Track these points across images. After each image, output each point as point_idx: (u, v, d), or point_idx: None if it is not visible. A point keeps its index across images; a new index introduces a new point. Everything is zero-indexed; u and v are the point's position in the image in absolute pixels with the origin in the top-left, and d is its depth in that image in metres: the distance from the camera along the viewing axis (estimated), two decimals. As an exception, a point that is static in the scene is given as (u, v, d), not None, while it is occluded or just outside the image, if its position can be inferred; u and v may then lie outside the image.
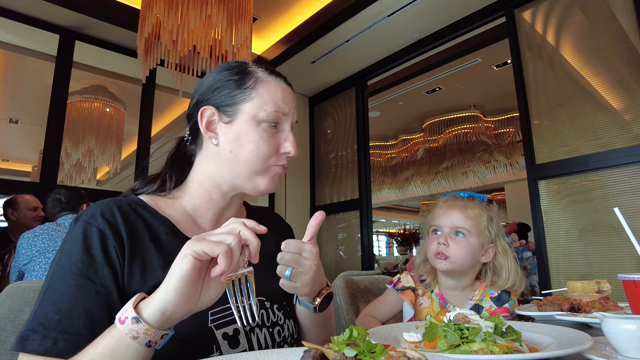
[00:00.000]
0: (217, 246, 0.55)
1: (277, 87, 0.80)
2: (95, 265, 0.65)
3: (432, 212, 1.31)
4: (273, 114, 0.78)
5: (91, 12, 3.31)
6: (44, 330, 0.59)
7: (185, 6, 2.32)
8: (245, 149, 0.77)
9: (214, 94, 0.80)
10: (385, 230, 16.79)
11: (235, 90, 0.78)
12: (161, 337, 0.56)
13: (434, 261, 1.23)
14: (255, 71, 0.81)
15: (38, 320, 0.61)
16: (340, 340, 0.49)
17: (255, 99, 0.78)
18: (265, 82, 0.80)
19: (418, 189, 8.68)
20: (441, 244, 1.21)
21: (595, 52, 2.68)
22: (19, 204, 2.78)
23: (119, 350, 0.54)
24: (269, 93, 0.78)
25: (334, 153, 4.66)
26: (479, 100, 6.51)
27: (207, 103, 0.80)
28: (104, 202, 0.74)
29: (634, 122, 2.44)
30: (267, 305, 0.81)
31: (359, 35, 3.67)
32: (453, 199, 1.30)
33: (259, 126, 0.77)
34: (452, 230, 1.23)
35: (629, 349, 0.60)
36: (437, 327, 0.66)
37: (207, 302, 0.59)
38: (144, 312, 0.55)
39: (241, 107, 0.77)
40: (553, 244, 2.69)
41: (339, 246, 4.49)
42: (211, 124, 0.79)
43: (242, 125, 0.77)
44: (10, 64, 3.81)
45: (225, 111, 0.78)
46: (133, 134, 3.96)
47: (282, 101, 0.79)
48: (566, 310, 1.01)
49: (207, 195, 0.81)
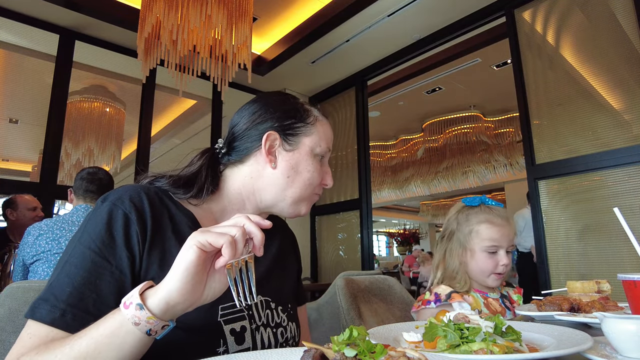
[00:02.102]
0: (221, 237, 0.56)
1: (328, 128, 0.93)
2: (114, 247, 0.67)
3: (481, 229, 1.28)
4: (325, 150, 0.89)
5: (91, 12, 3.31)
6: (55, 301, 0.61)
7: (185, 6, 2.32)
8: (301, 176, 0.85)
9: (283, 124, 0.87)
10: (385, 230, 16.79)
11: (299, 123, 0.87)
12: (162, 328, 0.56)
13: (490, 279, 1.26)
14: (312, 110, 0.92)
15: (51, 290, 0.62)
16: (340, 340, 0.49)
17: (314, 134, 0.88)
18: (321, 121, 0.92)
19: (418, 189, 8.69)
20: (504, 264, 1.24)
21: (595, 52, 2.68)
22: (18, 204, 2.78)
23: (119, 334, 0.54)
24: (325, 132, 0.90)
25: (334, 153, 4.66)
26: (479, 100, 6.51)
27: (270, 127, 0.86)
28: (132, 186, 0.76)
29: (634, 122, 2.44)
30: (272, 306, 0.83)
31: (359, 35, 3.67)
32: (503, 217, 1.30)
33: (314, 159, 0.88)
34: (509, 247, 1.26)
35: (629, 349, 0.60)
36: (437, 327, 0.66)
37: (212, 294, 0.60)
38: (149, 300, 0.56)
39: (303, 140, 0.87)
40: (553, 244, 2.69)
41: (339, 246, 4.49)
42: (272, 148, 0.86)
43: (302, 156, 0.86)
44: (10, 64, 3.81)
45: (288, 140, 0.86)
46: (133, 134, 3.97)
47: (331, 140, 0.92)
48: (566, 310, 1.01)
49: (240, 205, 0.87)
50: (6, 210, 2.79)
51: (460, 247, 1.31)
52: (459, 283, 1.28)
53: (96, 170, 2.30)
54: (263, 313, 0.80)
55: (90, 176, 2.24)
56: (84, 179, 2.22)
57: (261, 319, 0.79)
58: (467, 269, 1.29)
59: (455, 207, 1.40)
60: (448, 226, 1.37)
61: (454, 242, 1.33)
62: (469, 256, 1.29)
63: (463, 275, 1.29)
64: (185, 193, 0.81)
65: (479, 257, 1.26)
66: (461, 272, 1.29)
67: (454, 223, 1.35)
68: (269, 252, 0.90)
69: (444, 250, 1.35)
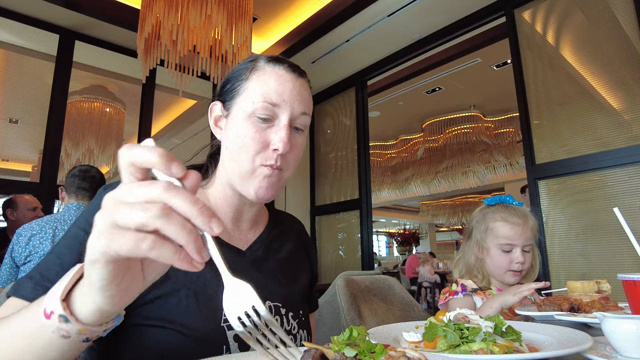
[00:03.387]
0: (139, 243, 0.34)
1: (272, 76, 0.72)
2: None
3: (496, 226, 1.30)
4: (261, 106, 0.69)
5: (91, 12, 3.31)
6: (40, 279, 0.58)
7: (185, 6, 2.32)
8: (234, 145, 0.71)
9: (222, 90, 0.78)
10: (385, 230, 16.80)
11: (235, 83, 0.74)
12: (104, 331, 0.44)
13: (506, 276, 1.27)
14: (257, 60, 0.75)
15: (39, 269, 0.60)
16: (340, 340, 0.49)
17: (246, 90, 0.72)
18: (260, 70, 0.73)
19: (418, 189, 8.69)
20: (519, 262, 1.26)
21: (595, 52, 2.68)
22: (18, 204, 2.78)
23: (40, 344, 0.42)
24: (260, 83, 0.71)
25: (334, 153, 4.66)
26: (479, 100, 6.51)
27: (217, 98, 0.79)
28: None
29: (634, 122, 2.44)
30: (282, 312, 0.77)
31: (359, 35, 3.67)
32: (521, 216, 1.31)
33: (249, 120, 0.70)
34: (525, 246, 1.28)
35: (629, 349, 0.60)
36: (437, 327, 0.66)
37: (156, 274, 0.43)
38: (77, 307, 0.41)
39: (236, 101, 0.73)
40: (553, 244, 2.69)
41: (339, 246, 4.49)
42: (219, 120, 0.77)
43: (235, 121, 0.72)
44: (10, 64, 3.82)
45: (226, 106, 0.75)
46: (133, 133, 3.97)
47: (274, 91, 0.70)
48: (566, 310, 1.01)
49: (223, 191, 0.78)
50: (6, 210, 2.79)
51: (476, 244, 1.35)
52: (477, 278, 1.33)
53: (88, 167, 2.26)
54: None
55: (83, 173, 2.19)
56: (76, 177, 2.18)
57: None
58: (484, 265, 1.34)
59: (479, 207, 1.44)
60: (469, 225, 1.43)
61: (472, 239, 1.37)
62: (485, 253, 1.33)
63: (480, 271, 1.33)
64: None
65: (494, 255, 1.30)
66: (478, 268, 1.34)
67: (473, 221, 1.40)
68: (278, 254, 0.84)
69: (463, 247, 1.41)
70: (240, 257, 0.77)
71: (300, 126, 0.74)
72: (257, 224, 0.85)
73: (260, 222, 0.86)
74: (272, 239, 0.85)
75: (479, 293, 1.30)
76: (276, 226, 0.89)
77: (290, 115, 0.71)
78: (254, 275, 0.76)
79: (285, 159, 0.72)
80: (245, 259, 0.77)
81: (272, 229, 0.87)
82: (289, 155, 0.72)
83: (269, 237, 0.85)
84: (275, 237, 0.87)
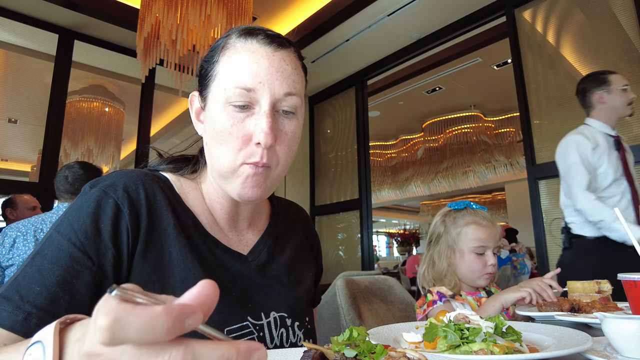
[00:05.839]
0: None
1: (243, 53, 0.59)
2: (98, 242, 0.55)
3: (469, 230, 1.30)
4: (234, 93, 0.58)
5: (90, 12, 3.31)
6: (19, 300, 0.49)
7: (185, 6, 2.32)
8: (213, 141, 0.61)
9: (199, 77, 0.69)
10: (385, 230, 16.80)
11: (208, 67, 0.64)
12: None
13: (480, 280, 1.28)
14: (229, 36, 0.63)
15: (16, 287, 0.50)
16: (340, 341, 0.49)
17: (218, 75, 0.61)
18: (231, 49, 0.61)
19: (418, 189, 8.69)
20: (492, 264, 1.27)
21: (596, 52, 2.68)
22: (17, 204, 2.78)
23: None
24: (231, 64, 0.60)
25: (334, 153, 4.66)
26: (479, 100, 6.51)
27: (197, 88, 0.69)
28: (129, 172, 0.62)
29: (634, 122, 2.44)
30: (287, 323, 0.70)
31: (359, 35, 3.67)
32: (489, 218, 1.32)
33: (223, 111, 0.60)
34: (495, 248, 1.29)
35: (629, 349, 0.60)
36: (437, 327, 0.66)
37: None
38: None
39: (210, 89, 0.63)
40: (553, 244, 2.68)
41: (338, 246, 4.49)
42: (200, 113, 0.68)
43: (211, 112, 0.62)
44: (10, 64, 3.82)
45: (202, 95, 0.65)
46: (132, 133, 3.97)
47: (247, 73, 0.58)
48: (566, 310, 1.01)
49: (214, 190, 0.70)
50: (6, 210, 2.79)
51: (448, 249, 1.33)
52: (449, 285, 1.31)
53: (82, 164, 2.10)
54: (277, 333, 0.67)
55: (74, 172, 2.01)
56: (68, 175, 2.01)
57: (274, 341, 0.66)
58: (456, 270, 1.32)
59: (441, 212, 1.42)
60: (435, 230, 1.40)
61: (441, 244, 1.35)
62: (458, 258, 1.31)
63: (452, 277, 1.31)
64: (187, 170, 0.72)
65: (468, 258, 1.29)
66: (450, 274, 1.32)
67: (440, 226, 1.37)
68: (283, 255, 0.76)
69: (431, 254, 1.38)
70: (243, 264, 0.69)
71: (288, 109, 0.62)
72: (257, 221, 0.77)
73: (261, 219, 0.78)
74: (275, 239, 0.78)
75: (457, 298, 1.28)
76: (279, 221, 0.81)
77: (271, 99, 0.59)
78: (259, 282, 0.70)
79: (274, 153, 0.61)
80: (248, 266, 0.70)
81: (275, 226, 0.79)
82: (277, 147, 0.61)
83: (272, 237, 0.77)
84: (279, 235, 0.79)
